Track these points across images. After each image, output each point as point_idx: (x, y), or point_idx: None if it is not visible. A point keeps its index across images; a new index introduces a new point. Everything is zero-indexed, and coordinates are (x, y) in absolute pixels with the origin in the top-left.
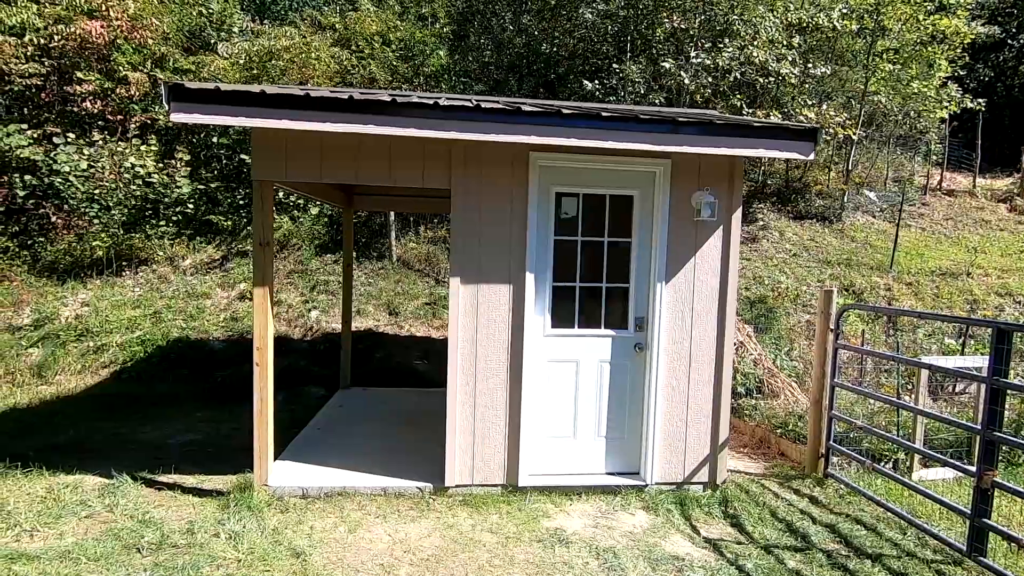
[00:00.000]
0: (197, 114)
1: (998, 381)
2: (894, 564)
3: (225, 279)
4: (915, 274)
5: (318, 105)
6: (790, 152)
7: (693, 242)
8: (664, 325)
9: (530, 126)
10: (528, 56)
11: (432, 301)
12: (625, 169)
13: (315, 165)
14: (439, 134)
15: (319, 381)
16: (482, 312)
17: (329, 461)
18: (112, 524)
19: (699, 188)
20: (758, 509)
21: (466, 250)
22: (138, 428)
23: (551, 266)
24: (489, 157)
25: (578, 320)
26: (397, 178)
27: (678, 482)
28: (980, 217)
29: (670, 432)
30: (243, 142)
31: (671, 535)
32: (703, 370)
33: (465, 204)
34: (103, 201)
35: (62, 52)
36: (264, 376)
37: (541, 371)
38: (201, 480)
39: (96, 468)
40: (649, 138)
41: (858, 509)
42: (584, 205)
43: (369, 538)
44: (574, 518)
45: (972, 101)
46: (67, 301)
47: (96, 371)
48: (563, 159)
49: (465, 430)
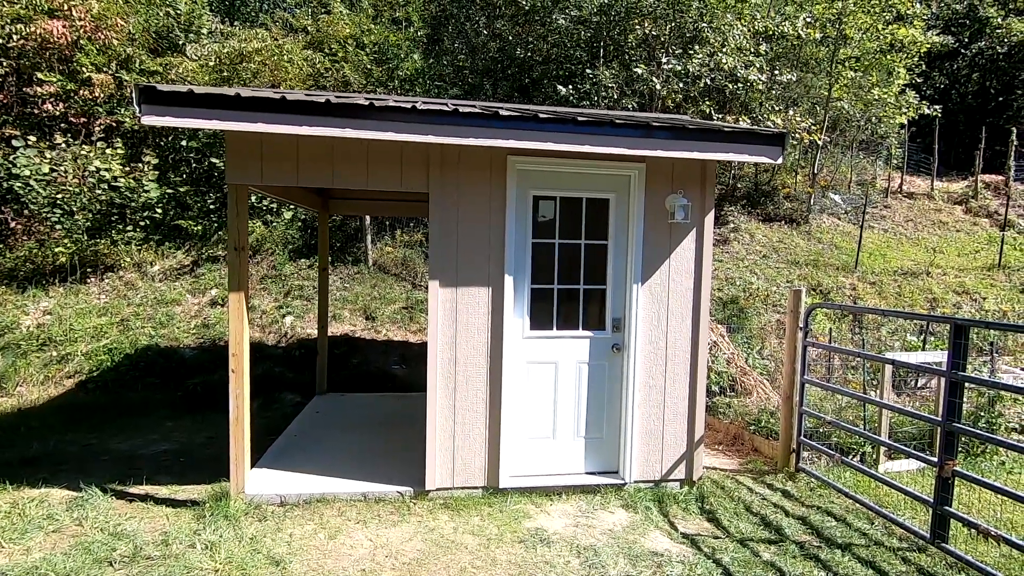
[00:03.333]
0: (169, 117)
1: (956, 375)
2: (862, 553)
3: (196, 285)
4: (878, 274)
5: (295, 108)
6: (759, 156)
7: (668, 244)
8: (640, 326)
9: (508, 130)
10: (503, 60)
11: (409, 305)
12: (601, 173)
13: (291, 169)
14: (417, 138)
15: (294, 387)
16: (461, 315)
17: (307, 467)
18: (82, 537)
19: (673, 191)
20: (733, 504)
21: (445, 253)
22: (108, 439)
23: (529, 268)
24: (467, 161)
25: (556, 322)
26: (374, 182)
27: (656, 480)
28: (938, 219)
29: (647, 431)
30: (213, 145)
31: (650, 532)
32: (679, 369)
33: (443, 207)
34: (66, 206)
35: (21, 52)
36: (240, 382)
37: (520, 373)
38: (175, 490)
39: (64, 481)
40: (624, 142)
41: (828, 501)
42: (561, 208)
43: (350, 544)
44: (555, 518)
45: (929, 107)
46: (28, 309)
47: (60, 381)
48: (541, 163)
49: (445, 433)
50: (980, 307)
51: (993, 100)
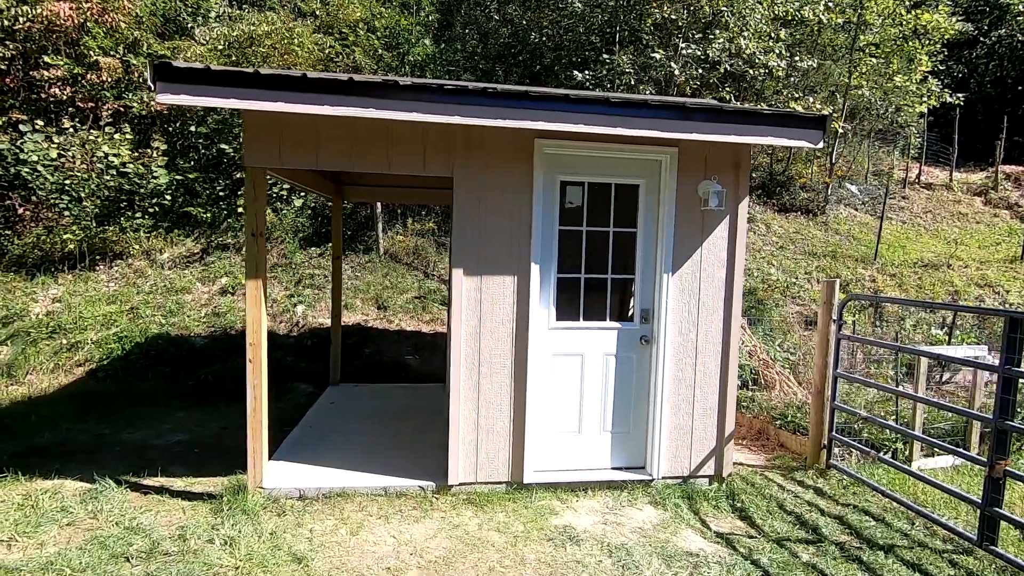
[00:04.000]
0: (185, 95)
1: (1011, 370)
2: (907, 555)
3: (205, 273)
4: (898, 266)
5: (316, 87)
6: (799, 140)
7: (700, 233)
8: (671, 317)
9: (538, 111)
10: (515, 46)
11: (422, 295)
12: (631, 157)
13: (311, 151)
14: (444, 119)
15: (307, 378)
16: (485, 305)
17: (325, 460)
18: (97, 531)
19: (706, 177)
20: (765, 502)
21: (469, 241)
22: (120, 429)
23: (555, 257)
24: (493, 144)
25: (583, 313)
26: (397, 166)
27: (684, 476)
28: (957, 210)
29: (676, 425)
30: (223, 131)
31: (681, 530)
32: (709, 362)
33: (467, 193)
34: (74, 192)
35: (27, 35)
36: (258, 373)
37: (546, 365)
38: (190, 482)
39: (77, 472)
40: (659, 124)
41: (863, 500)
42: (589, 194)
43: (372, 540)
44: (582, 515)
45: (951, 96)
46: (37, 297)
47: (70, 370)
48: (569, 146)
49: (468, 426)
50: (1004, 300)
51: (1012, 89)
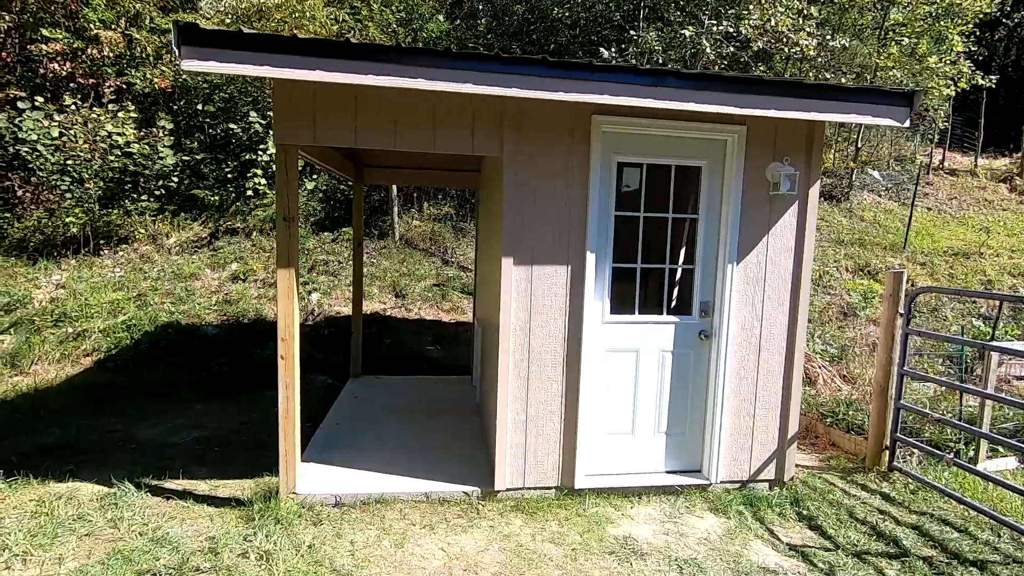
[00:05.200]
0: (213, 61)
1: None
2: (1003, 572)
3: (214, 259)
4: (928, 254)
5: (359, 54)
6: (883, 118)
7: (767, 219)
8: (733, 311)
9: (604, 83)
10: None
11: (440, 282)
12: (694, 136)
13: (348, 128)
14: (500, 90)
15: (324, 369)
16: (536, 296)
17: (358, 462)
18: (119, 543)
19: (774, 158)
20: (833, 509)
21: (519, 227)
22: (134, 424)
23: (611, 245)
24: (546, 120)
25: (639, 305)
26: (442, 144)
27: (743, 480)
28: (983, 197)
29: (736, 427)
30: (230, 110)
31: (751, 542)
32: (773, 359)
33: (518, 175)
34: (76, 173)
35: (23, 7)
36: (291, 370)
37: (598, 362)
38: (215, 485)
39: (93, 474)
40: (732, 99)
41: (936, 506)
42: (648, 177)
43: (420, 554)
44: (640, 524)
45: (983, 78)
46: (40, 283)
47: (77, 359)
48: (627, 124)
49: (517, 428)
50: None
51: None
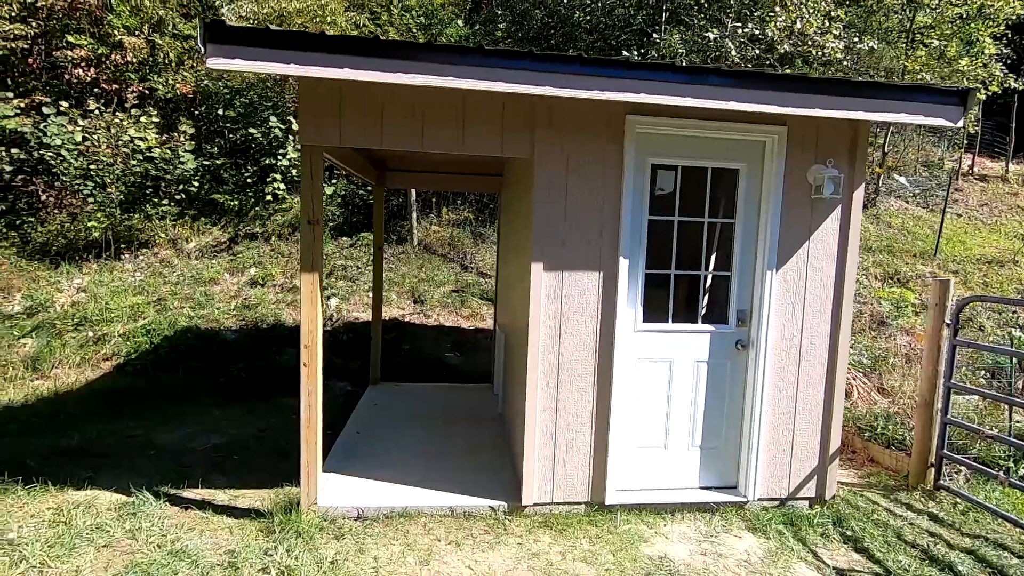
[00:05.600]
0: (239, 59)
1: None
2: None
3: (233, 263)
4: (960, 261)
5: (389, 52)
6: (936, 117)
7: (808, 224)
8: (772, 319)
9: (640, 81)
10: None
11: (459, 288)
12: (732, 138)
13: (375, 129)
14: (530, 89)
15: (343, 375)
16: (567, 303)
17: (379, 473)
18: (137, 555)
19: (816, 160)
20: (880, 530)
21: (551, 231)
22: (152, 429)
23: (644, 250)
24: (579, 120)
25: (672, 313)
26: (472, 144)
27: (782, 498)
28: (1015, 203)
29: (774, 441)
30: (250, 114)
31: (794, 565)
32: (814, 371)
33: (549, 177)
34: (99, 178)
35: (50, 13)
36: (313, 378)
37: (630, 372)
38: (234, 495)
39: (111, 480)
40: (776, 98)
41: (991, 529)
42: (682, 180)
43: (446, 572)
44: (675, 543)
45: (1016, 80)
46: (62, 287)
47: (97, 364)
48: (663, 124)
49: (545, 440)
50: None
51: None
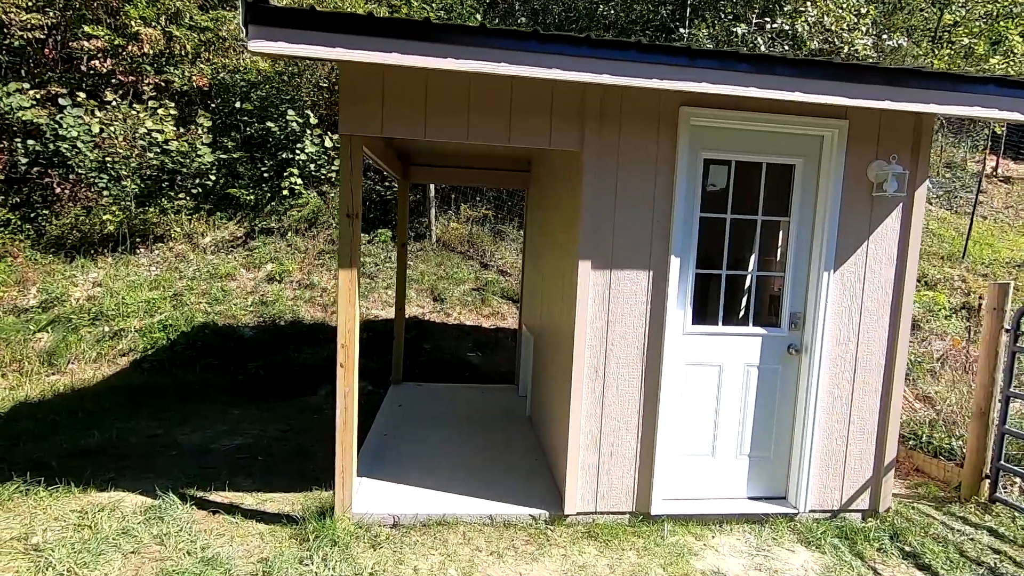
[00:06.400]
0: (283, 42)
1: None
2: None
3: (250, 259)
4: (988, 265)
5: (440, 36)
6: (1011, 111)
7: (867, 223)
8: (828, 323)
9: (703, 70)
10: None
11: (480, 286)
12: (788, 131)
13: (418, 118)
14: (589, 77)
15: (364, 374)
16: (615, 304)
17: (412, 477)
18: (167, 562)
19: (877, 156)
20: (939, 546)
21: (600, 228)
22: (174, 428)
23: (695, 249)
24: (631, 112)
25: (723, 316)
26: (517, 137)
27: (834, 510)
28: None
29: (827, 450)
30: (267, 109)
31: None
32: (871, 378)
33: (598, 171)
34: (115, 171)
35: (67, 3)
36: (351, 379)
37: (678, 376)
38: (262, 499)
39: (135, 482)
40: (841, 89)
41: None
42: (735, 175)
43: None
44: (726, 556)
45: None
46: (77, 280)
47: (114, 359)
48: (718, 117)
49: (589, 447)
50: None
51: None
